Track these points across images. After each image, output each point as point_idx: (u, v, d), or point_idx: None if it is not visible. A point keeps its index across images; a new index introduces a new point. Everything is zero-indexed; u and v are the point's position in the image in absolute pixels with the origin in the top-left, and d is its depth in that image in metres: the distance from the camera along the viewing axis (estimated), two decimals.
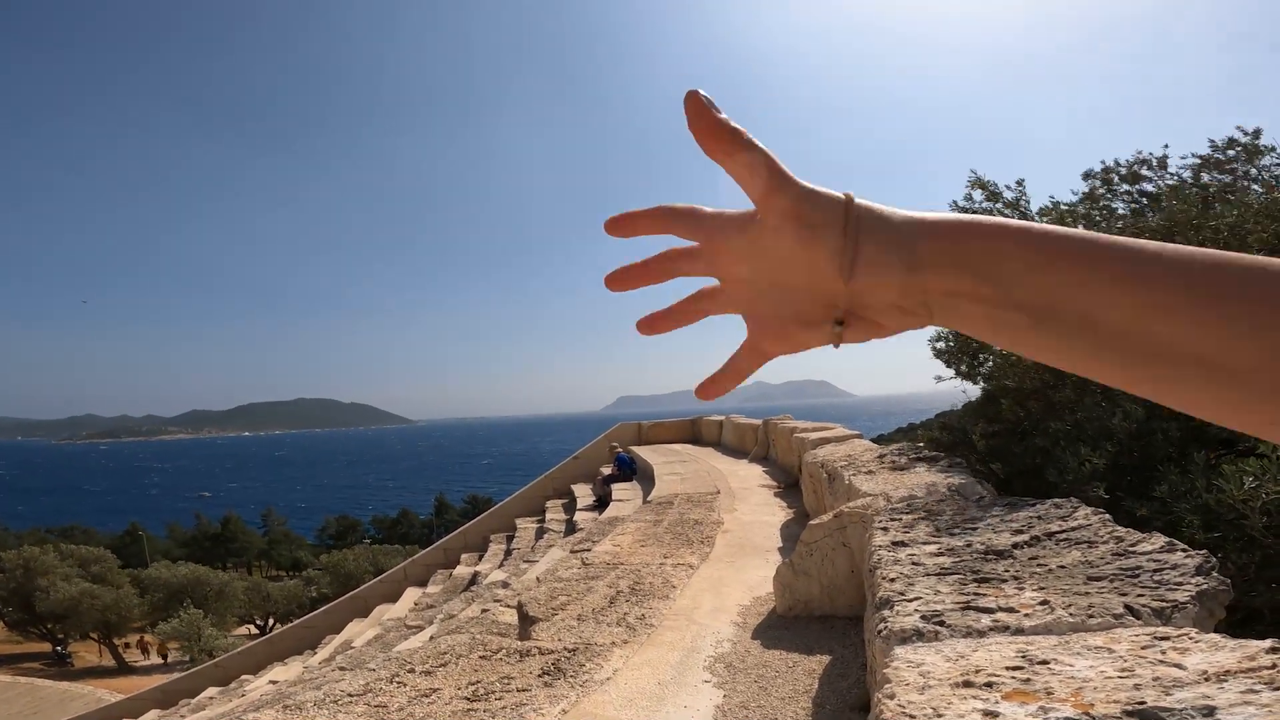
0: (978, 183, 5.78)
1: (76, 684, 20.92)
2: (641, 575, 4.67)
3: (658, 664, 3.15)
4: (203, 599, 25.65)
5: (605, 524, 8.65)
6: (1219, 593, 1.64)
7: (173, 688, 14.67)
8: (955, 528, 2.51)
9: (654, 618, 3.78)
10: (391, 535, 50.05)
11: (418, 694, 2.98)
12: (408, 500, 72.57)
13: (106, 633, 25.76)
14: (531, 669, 3.16)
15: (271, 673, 12.55)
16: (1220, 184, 4.84)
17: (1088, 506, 2.40)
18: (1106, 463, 3.01)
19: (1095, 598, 1.65)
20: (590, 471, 14.97)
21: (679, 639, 3.45)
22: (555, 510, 13.94)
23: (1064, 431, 3.44)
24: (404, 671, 3.20)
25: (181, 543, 47.07)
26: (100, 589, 25.13)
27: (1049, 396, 4.60)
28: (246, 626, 30.20)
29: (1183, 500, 2.71)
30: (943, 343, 5.92)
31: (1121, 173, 5.65)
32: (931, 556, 2.20)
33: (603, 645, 3.40)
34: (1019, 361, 4.58)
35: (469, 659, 3.33)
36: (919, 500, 3.14)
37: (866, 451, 5.64)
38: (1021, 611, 1.64)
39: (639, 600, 4.10)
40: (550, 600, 4.23)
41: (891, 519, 2.82)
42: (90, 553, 28.42)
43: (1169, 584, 1.66)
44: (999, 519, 2.52)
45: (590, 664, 3.17)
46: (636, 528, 6.56)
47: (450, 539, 15.48)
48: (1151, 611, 1.55)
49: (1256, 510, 2.39)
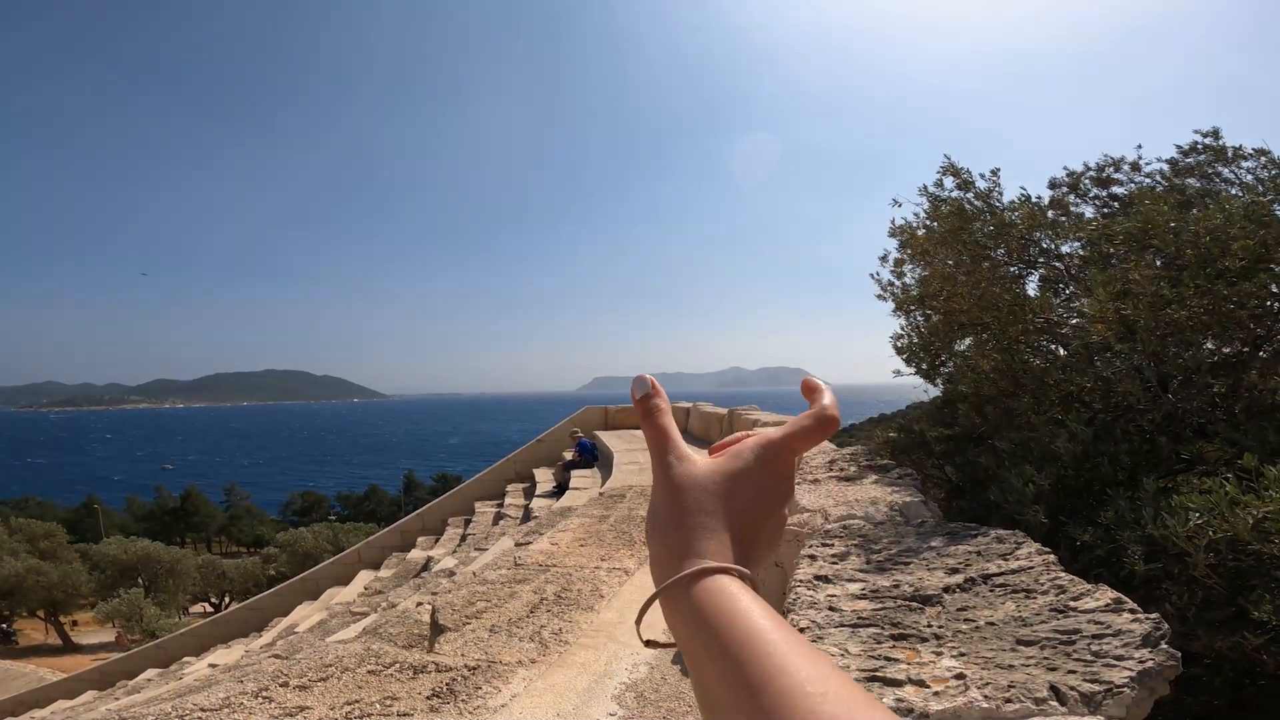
0: (950, 169, 5.52)
1: (18, 662, 20.28)
2: (572, 580, 4.38)
3: (563, 690, 2.86)
4: (154, 577, 24.97)
5: (556, 514, 8.38)
6: (1166, 668, 1.38)
7: (111, 669, 14.20)
8: (887, 562, 2.24)
9: (572, 633, 3.49)
10: (359, 512, 49.41)
11: (283, 713, 2.67)
12: (377, 476, 71.80)
13: (53, 610, 24.96)
14: (421, 689, 2.86)
15: (213, 655, 12.16)
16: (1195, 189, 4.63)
17: (1033, 543, 2.14)
18: (1051, 484, 2.78)
19: (1019, 672, 1.38)
20: (554, 455, 14.68)
21: (593, 660, 3.17)
22: (515, 495, 13.65)
23: (1009, 451, 3.20)
24: (276, 685, 2.87)
25: (140, 517, 45.94)
26: (47, 565, 24.29)
27: (1006, 404, 4.38)
28: (202, 605, 29.56)
29: (1128, 529, 2.48)
30: (904, 340, 5.70)
31: (1090, 177, 5.42)
32: (853, 599, 1.93)
33: (508, 664, 3.11)
34: (976, 368, 4.35)
35: (355, 673, 3.01)
36: (857, 522, 2.88)
37: (818, 454, 5.39)
38: (932, 687, 1.37)
39: (561, 611, 3.81)
40: (467, 606, 3.93)
41: (824, 544, 2.56)
42: (39, 527, 27.47)
43: (1108, 657, 1.40)
44: (935, 553, 2.26)
45: (488, 686, 2.88)
46: (580, 523, 6.28)
47: (408, 521, 15.13)
48: (1079, 697, 1.28)
49: (1201, 549, 2.16)
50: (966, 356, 4.85)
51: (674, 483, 0.48)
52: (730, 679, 0.36)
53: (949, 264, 4.84)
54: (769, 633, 0.38)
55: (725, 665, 0.37)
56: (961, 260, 4.71)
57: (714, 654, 0.38)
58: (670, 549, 0.46)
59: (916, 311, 5.56)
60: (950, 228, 4.85)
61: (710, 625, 0.40)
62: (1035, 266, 4.85)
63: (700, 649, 0.39)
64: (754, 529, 0.47)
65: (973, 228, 4.74)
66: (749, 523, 0.47)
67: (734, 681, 0.36)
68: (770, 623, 0.38)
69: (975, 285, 4.43)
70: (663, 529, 0.47)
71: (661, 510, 0.48)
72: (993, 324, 4.37)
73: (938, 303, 4.90)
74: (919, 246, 5.23)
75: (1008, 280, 4.65)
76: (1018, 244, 4.69)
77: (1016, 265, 4.83)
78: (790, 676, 0.35)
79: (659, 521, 0.48)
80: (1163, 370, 3.33)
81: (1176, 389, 3.28)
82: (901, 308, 5.70)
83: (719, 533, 0.46)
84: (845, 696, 0.33)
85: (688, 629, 0.41)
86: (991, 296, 4.34)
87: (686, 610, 0.42)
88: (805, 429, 0.49)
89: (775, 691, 0.34)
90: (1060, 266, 4.73)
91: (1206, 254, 3.03)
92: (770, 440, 0.49)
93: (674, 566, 0.44)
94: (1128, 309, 3.19)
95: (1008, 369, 4.21)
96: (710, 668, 0.38)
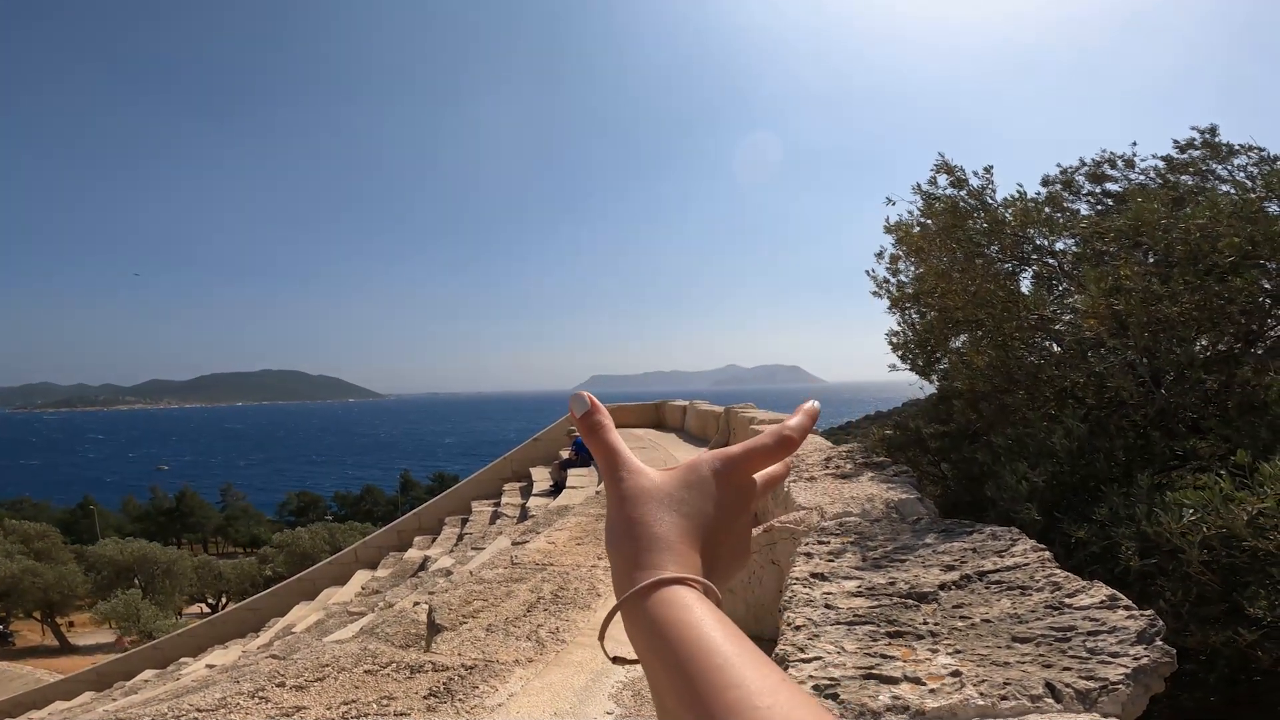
0: (944, 167, 5.52)
1: (15, 664, 20.20)
2: (569, 579, 4.39)
3: (560, 689, 2.86)
4: (150, 577, 24.88)
5: (553, 513, 8.38)
6: (1161, 665, 1.39)
7: (108, 669, 14.16)
8: (883, 559, 2.25)
9: (569, 631, 3.50)
10: (355, 512, 49.29)
11: (280, 713, 2.66)
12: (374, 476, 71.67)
13: (49, 611, 24.86)
14: (418, 688, 2.86)
15: (211, 656, 12.13)
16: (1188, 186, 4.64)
17: (1028, 540, 2.15)
18: (1046, 481, 2.78)
19: (1014, 669, 1.39)
20: (549, 454, 14.68)
21: (590, 659, 3.17)
22: (512, 494, 13.64)
23: (1005, 447, 3.21)
24: (272, 685, 2.86)
25: (135, 518, 45.74)
26: (42, 566, 24.18)
27: (1001, 400, 4.39)
28: (199, 605, 29.47)
29: (1122, 525, 2.49)
30: (898, 336, 5.70)
31: (1084, 173, 5.43)
32: (849, 597, 1.94)
33: (505, 663, 3.11)
34: (971, 364, 4.36)
35: (352, 673, 3.01)
36: (853, 519, 2.88)
37: (815, 452, 5.40)
38: (928, 685, 1.37)
39: (558, 610, 3.81)
40: (464, 606, 3.93)
41: (819, 541, 2.56)
42: (33, 528, 27.34)
43: (1103, 654, 1.41)
44: (931, 549, 2.27)
45: (485, 685, 2.88)
46: (577, 523, 6.28)
47: (404, 520, 15.11)
48: (1075, 694, 1.29)
49: (1195, 545, 2.17)
50: (961, 353, 4.86)
51: (625, 494, 0.48)
52: (681, 692, 0.36)
53: (943, 260, 4.85)
54: (720, 645, 0.37)
55: (677, 678, 0.37)
56: (956, 257, 4.72)
57: (668, 667, 0.38)
58: (626, 559, 0.45)
59: (912, 308, 5.57)
60: (944, 225, 4.86)
61: (663, 637, 0.39)
62: (1029, 263, 4.86)
63: (656, 662, 0.39)
64: (711, 541, 0.47)
65: (966, 225, 4.75)
66: (705, 535, 0.47)
67: (685, 695, 0.36)
68: (722, 634, 0.38)
69: (970, 282, 4.44)
70: (618, 540, 0.47)
71: (616, 522, 0.48)
72: (987, 321, 4.38)
73: (932, 299, 4.91)
74: (914, 243, 5.24)
75: (1002, 277, 4.66)
76: (1011, 241, 4.70)
77: (1010, 262, 4.84)
78: (740, 689, 0.35)
79: (615, 534, 0.47)
80: (1156, 365, 3.34)
81: (1170, 385, 3.30)
82: (897, 304, 5.71)
83: (674, 543, 0.45)
84: (792, 709, 0.33)
85: (644, 641, 0.41)
86: (986, 293, 4.35)
87: (643, 622, 0.41)
88: (764, 446, 0.50)
89: (724, 706, 0.34)
90: (1054, 263, 4.74)
91: (1196, 250, 3.04)
92: (728, 455, 0.50)
93: (629, 578, 0.44)
94: (1119, 304, 3.20)
95: (1002, 365, 4.22)
96: (664, 680, 0.38)
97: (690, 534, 0.46)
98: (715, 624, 0.39)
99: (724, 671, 0.36)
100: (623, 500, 0.48)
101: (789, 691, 0.35)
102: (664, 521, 0.46)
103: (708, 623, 0.39)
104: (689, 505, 0.47)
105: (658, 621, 0.40)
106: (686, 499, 0.48)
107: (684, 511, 0.47)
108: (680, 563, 0.44)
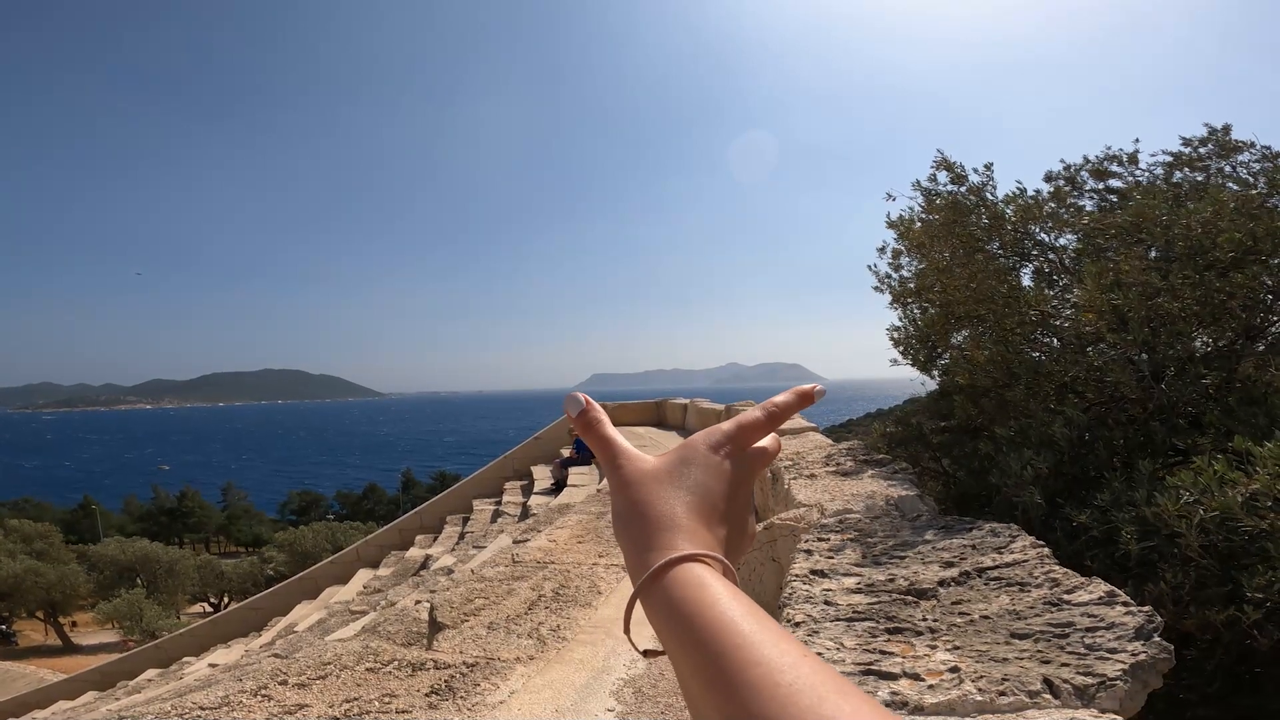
0: (944, 163, 5.51)
1: (18, 663, 20.26)
2: (570, 577, 4.39)
3: (561, 686, 2.87)
4: (152, 577, 24.92)
5: (554, 511, 8.38)
6: (1158, 661, 1.39)
7: (111, 669, 14.19)
8: (883, 556, 2.25)
9: (570, 629, 3.50)
10: (357, 511, 49.35)
11: (282, 710, 2.67)
12: (375, 475, 71.71)
13: (51, 611, 24.92)
14: (420, 686, 2.86)
15: (213, 655, 12.16)
16: (1193, 182, 4.63)
17: (1027, 537, 2.15)
18: (1049, 467, 2.79)
19: (1013, 665, 1.39)
20: (550, 453, 14.68)
21: (591, 656, 3.17)
22: (513, 493, 13.64)
23: (1008, 437, 3.21)
24: (274, 683, 2.87)
25: (137, 517, 45.81)
26: (44, 566, 24.23)
27: (1002, 395, 4.39)
28: (201, 605, 29.52)
29: (1123, 510, 2.50)
30: (899, 331, 5.70)
31: (1089, 169, 5.42)
32: (848, 593, 1.94)
33: (506, 661, 3.11)
34: (972, 359, 4.36)
35: (354, 671, 3.01)
36: (853, 516, 2.88)
37: (815, 450, 5.40)
38: (927, 681, 1.37)
39: (560, 608, 3.81)
40: (465, 604, 3.93)
41: (819, 538, 2.56)
42: (34, 528, 27.39)
43: (1101, 650, 1.41)
44: (931, 546, 2.27)
45: (486, 683, 2.88)
46: (578, 520, 6.29)
47: (406, 519, 15.12)
48: (1073, 690, 1.29)
49: (1193, 528, 2.17)
50: (962, 348, 4.86)
51: (627, 479, 0.48)
52: (703, 673, 0.36)
53: (945, 256, 4.84)
54: (738, 622, 0.37)
55: (698, 658, 0.37)
56: (957, 253, 4.71)
57: (687, 648, 0.38)
58: (635, 541, 0.45)
59: (913, 304, 5.56)
60: (945, 221, 4.86)
61: (681, 617, 0.39)
62: (1029, 259, 4.86)
63: (675, 644, 0.39)
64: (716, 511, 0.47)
65: (967, 221, 4.75)
66: (707, 507, 0.47)
67: (707, 675, 0.36)
68: (739, 610, 0.38)
69: (971, 278, 4.44)
70: (626, 524, 0.47)
71: (621, 507, 0.48)
72: (989, 316, 4.38)
73: (934, 295, 4.90)
74: (916, 238, 5.23)
75: (1003, 273, 4.66)
76: (1011, 237, 4.70)
77: (1011, 258, 4.84)
78: (761, 667, 0.34)
79: (622, 519, 0.47)
80: (1156, 361, 3.34)
81: (1170, 380, 3.30)
82: (898, 300, 5.70)
83: (683, 520, 0.45)
84: (816, 683, 0.33)
85: (664, 624, 0.40)
86: (987, 289, 4.34)
87: (661, 604, 0.41)
88: (754, 420, 0.51)
89: (746, 684, 0.34)
90: (1055, 259, 4.74)
91: (1197, 246, 3.04)
92: (720, 430, 0.51)
93: (642, 560, 0.44)
94: (1119, 299, 3.19)
95: (1002, 360, 4.22)
96: (685, 662, 0.37)
97: (697, 509, 0.46)
98: (732, 600, 0.39)
99: (744, 650, 0.35)
100: (625, 485, 0.48)
101: (811, 665, 0.34)
102: (670, 499, 0.46)
103: (724, 600, 0.39)
104: (691, 480, 0.47)
105: (673, 601, 0.40)
106: (688, 474, 0.48)
107: (687, 486, 0.47)
108: (692, 539, 0.44)
